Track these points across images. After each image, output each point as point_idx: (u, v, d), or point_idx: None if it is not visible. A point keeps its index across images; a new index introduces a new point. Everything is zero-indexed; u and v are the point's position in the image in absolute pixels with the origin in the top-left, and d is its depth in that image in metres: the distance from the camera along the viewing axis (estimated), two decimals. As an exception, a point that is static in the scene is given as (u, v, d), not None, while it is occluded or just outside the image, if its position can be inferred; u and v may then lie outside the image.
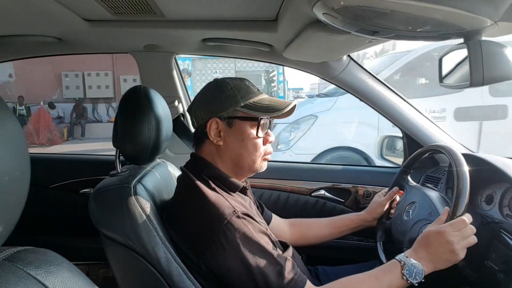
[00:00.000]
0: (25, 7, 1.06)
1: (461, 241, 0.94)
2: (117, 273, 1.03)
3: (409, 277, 0.92)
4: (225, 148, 1.04)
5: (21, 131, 0.50)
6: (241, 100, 1.01)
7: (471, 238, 0.96)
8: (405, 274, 0.92)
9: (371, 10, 0.78)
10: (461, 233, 0.94)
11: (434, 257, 0.95)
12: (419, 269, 0.93)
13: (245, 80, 1.08)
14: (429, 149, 1.34)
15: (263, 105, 1.02)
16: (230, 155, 1.04)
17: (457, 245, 0.94)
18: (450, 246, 0.93)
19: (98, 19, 1.27)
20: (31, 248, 0.53)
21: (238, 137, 1.03)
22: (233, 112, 1.01)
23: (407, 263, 0.94)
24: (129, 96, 1.12)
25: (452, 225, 0.96)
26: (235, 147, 1.04)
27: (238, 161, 1.05)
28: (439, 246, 0.95)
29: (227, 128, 1.02)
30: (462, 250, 0.94)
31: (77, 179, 1.88)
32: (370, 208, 1.39)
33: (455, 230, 0.94)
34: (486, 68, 0.78)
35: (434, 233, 0.97)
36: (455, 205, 0.99)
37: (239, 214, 0.92)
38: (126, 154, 1.12)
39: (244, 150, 1.03)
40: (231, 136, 1.03)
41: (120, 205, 0.97)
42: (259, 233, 0.93)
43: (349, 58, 1.57)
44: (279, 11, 1.14)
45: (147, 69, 1.75)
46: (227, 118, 1.02)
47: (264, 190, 1.80)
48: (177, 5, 1.15)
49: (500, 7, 0.71)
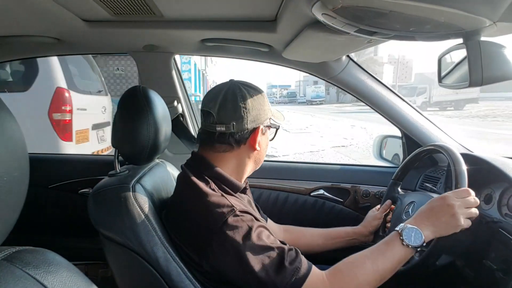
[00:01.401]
0: (24, 7, 1.05)
1: (463, 207, 0.95)
2: (116, 273, 1.03)
3: (408, 242, 0.93)
4: (257, 154, 1.09)
5: (20, 131, 0.50)
6: (269, 109, 1.08)
7: (473, 209, 0.97)
8: (404, 239, 0.93)
9: (370, 11, 0.78)
10: (463, 201, 0.96)
11: (435, 221, 0.96)
12: (417, 232, 0.94)
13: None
14: (423, 152, 1.34)
15: (274, 114, 1.11)
16: (255, 159, 1.10)
17: (458, 209, 0.95)
18: (451, 210, 0.95)
19: (97, 20, 1.27)
20: (30, 248, 0.53)
21: (266, 142, 1.12)
22: (268, 121, 1.07)
23: (404, 228, 0.95)
24: (128, 96, 1.12)
25: (455, 192, 0.98)
26: (263, 152, 1.11)
27: (257, 164, 1.13)
28: (440, 210, 0.96)
29: (262, 135, 1.07)
30: (463, 216, 0.95)
31: (76, 179, 1.88)
32: (365, 222, 1.39)
33: (458, 197, 0.97)
34: (485, 68, 0.78)
35: (436, 199, 0.99)
36: None
37: (238, 212, 0.92)
38: (125, 154, 1.12)
39: (262, 154, 1.11)
40: (264, 142, 1.09)
41: (119, 205, 0.97)
42: (260, 228, 0.93)
43: (348, 59, 1.57)
44: (278, 11, 1.14)
45: (146, 69, 1.75)
46: (266, 126, 1.07)
47: (263, 190, 1.80)
48: (176, 6, 1.15)
49: (499, 8, 0.71)
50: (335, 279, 0.92)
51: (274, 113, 1.11)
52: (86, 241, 1.72)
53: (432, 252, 0.99)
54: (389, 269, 0.94)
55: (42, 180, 1.87)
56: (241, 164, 1.07)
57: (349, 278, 0.92)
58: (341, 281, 0.92)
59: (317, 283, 0.90)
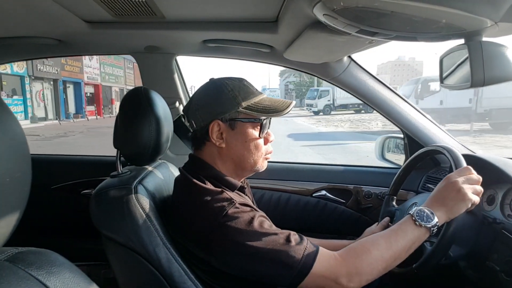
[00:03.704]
0: (25, 9, 1.06)
1: (467, 183, 0.96)
2: (118, 274, 1.03)
3: (421, 221, 0.93)
4: (227, 150, 1.04)
5: (23, 132, 0.50)
6: (243, 101, 1.01)
7: (478, 186, 0.97)
8: (416, 219, 0.94)
9: (371, 11, 0.78)
10: (466, 177, 0.97)
11: (444, 201, 0.96)
12: (428, 213, 0.94)
13: (243, 80, 1.08)
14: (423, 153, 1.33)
15: (264, 106, 1.03)
16: (232, 157, 1.05)
17: (463, 185, 0.95)
18: (456, 186, 0.95)
19: (98, 21, 1.27)
20: (32, 249, 0.53)
21: (241, 138, 1.04)
22: (235, 114, 1.02)
23: (416, 211, 0.96)
24: (130, 97, 1.12)
25: (458, 171, 0.99)
26: (237, 148, 1.04)
27: (240, 162, 1.06)
28: (445, 189, 0.97)
29: (229, 130, 1.03)
30: (469, 191, 0.95)
31: (78, 180, 1.88)
32: (364, 236, 1.37)
33: (461, 175, 0.97)
34: (486, 68, 0.78)
35: (441, 182, 1.00)
36: None
37: (238, 205, 0.92)
38: (127, 155, 1.12)
39: (247, 151, 1.04)
40: (233, 138, 1.03)
41: (121, 206, 0.97)
42: (260, 217, 0.94)
43: (349, 59, 1.57)
44: (279, 12, 1.14)
45: (148, 70, 1.75)
46: (229, 120, 1.02)
47: (265, 191, 1.80)
48: (177, 7, 1.15)
49: (500, 8, 0.71)
50: (348, 255, 0.92)
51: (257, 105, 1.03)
52: (88, 242, 1.73)
53: (444, 240, 0.98)
54: (403, 248, 0.93)
55: (45, 181, 1.87)
56: (221, 162, 1.06)
57: (362, 252, 0.92)
58: (354, 256, 0.92)
59: (329, 260, 0.90)
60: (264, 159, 1.09)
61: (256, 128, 1.04)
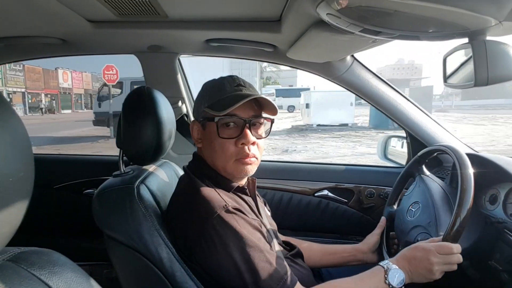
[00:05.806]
0: (29, 8, 1.06)
1: (442, 264, 0.96)
2: (121, 274, 1.03)
3: (391, 282, 0.94)
4: (204, 150, 1.04)
5: (26, 132, 0.50)
6: (208, 100, 1.00)
7: (453, 266, 0.97)
8: (387, 278, 0.94)
9: (375, 10, 0.78)
10: (445, 258, 0.96)
11: (413, 269, 0.97)
12: (400, 275, 0.95)
13: (228, 77, 1.04)
14: (426, 154, 1.32)
15: (222, 103, 0.96)
16: (207, 157, 1.04)
17: (436, 266, 0.95)
18: (430, 265, 0.95)
19: (102, 20, 1.28)
20: (34, 248, 0.53)
21: (208, 138, 1.01)
22: (203, 113, 1.01)
23: (390, 268, 0.96)
24: (133, 97, 1.12)
25: (440, 247, 0.96)
26: (207, 149, 1.03)
27: (213, 164, 1.02)
28: (420, 261, 0.97)
29: (202, 130, 1.03)
30: (440, 272, 0.96)
31: (81, 180, 1.89)
32: (365, 239, 1.37)
33: (441, 253, 0.96)
34: (490, 67, 0.78)
35: (421, 248, 0.99)
36: (459, 205, 0.98)
37: (229, 209, 0.91)
38: (129, 155, 1.13)
39: (214, 152, 1.00)
40: (205, 138, 1.03)
41: (123, 205, 0.98)
42: (250, 228, 0.93)
43: (352, 58, 1.56)
44: (282, 11, 1.14)
45: (151, 70, 1.76)
46: (201, 119, 1.02)
47: (267, 190, 1.80)
48: (180, 6, 1.15)
49: (504, 7, 0.71)
50: None
51: (220, 102, 0.96)
52: (91, 241, 1.73)
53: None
54: None
55: (47, 180, 1.88)
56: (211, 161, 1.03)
57: None
58: None
59: None
60: (238, 163, 1.00)
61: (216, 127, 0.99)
